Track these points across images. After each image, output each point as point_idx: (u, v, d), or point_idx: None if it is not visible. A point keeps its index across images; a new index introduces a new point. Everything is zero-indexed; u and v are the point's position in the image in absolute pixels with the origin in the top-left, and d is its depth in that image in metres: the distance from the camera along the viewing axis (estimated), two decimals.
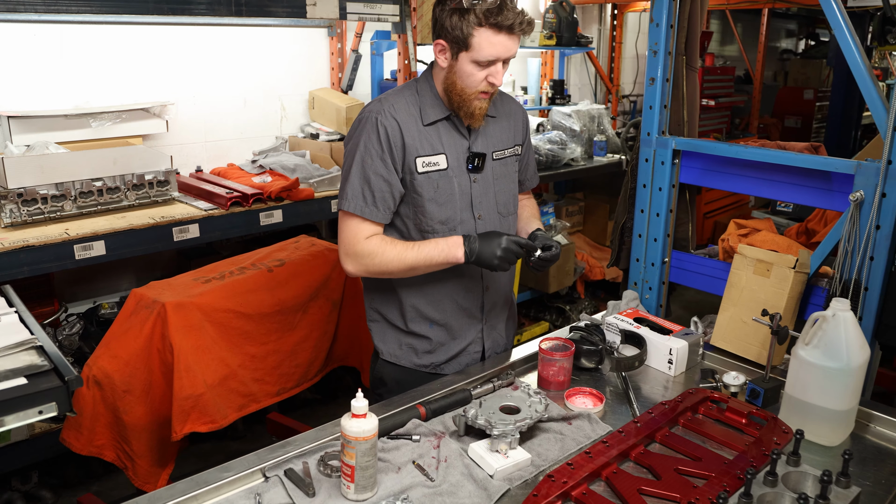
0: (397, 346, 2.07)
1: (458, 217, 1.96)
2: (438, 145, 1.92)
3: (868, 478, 1.61)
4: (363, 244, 1.90)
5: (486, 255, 1.85)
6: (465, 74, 1.83)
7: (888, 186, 1.92)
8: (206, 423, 2.41)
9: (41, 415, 1.54)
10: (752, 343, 2.11)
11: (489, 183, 2.01)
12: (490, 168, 2.01)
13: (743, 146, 2.28)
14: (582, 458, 1.58)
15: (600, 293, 5.21)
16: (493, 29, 1.77)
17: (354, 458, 1.44)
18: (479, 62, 1.81)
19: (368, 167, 1.88)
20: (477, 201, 1.99)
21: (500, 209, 2.05)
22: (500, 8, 1.75)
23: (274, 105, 4.09)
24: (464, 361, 2.10)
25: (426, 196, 1.92)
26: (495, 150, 2.02)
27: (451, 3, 1.79)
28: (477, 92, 1.85)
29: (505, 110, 2.08)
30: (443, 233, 1.94)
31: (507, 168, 2.07)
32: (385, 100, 1.92)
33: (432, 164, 1.91)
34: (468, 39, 1.78)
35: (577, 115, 4.78)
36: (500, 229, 2.03)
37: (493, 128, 2.03)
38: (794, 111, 8.09)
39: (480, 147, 1.99)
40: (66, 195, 2.86)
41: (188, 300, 2.48)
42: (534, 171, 2.25)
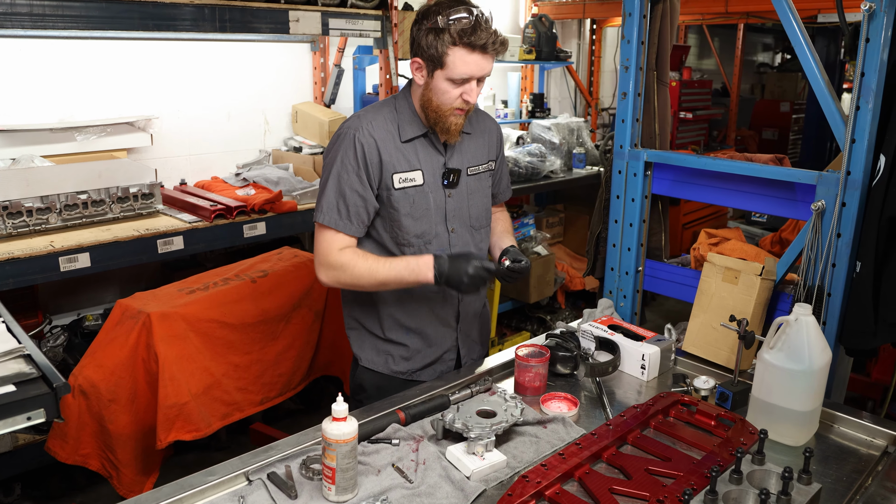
0: (375, 352, 2.13)
1: (433, 231, 2.03)
2: (415, 161, 1.98)
3: (830, 475, 1.68)
4: (336, 255, 1.95)
5: (455, 279, 1.89)
6: (440, 92, 1.89)
7: (847, 196, 2.01)
8: (190, 431, 2.45)
9: (30, 421, 1.56)
10: (722, 348, 2.18)
11: (463, 197, 2.08)
12: (465, 183, 2.07)
13: (711, 158, 2.36)
14: (555, 460, 1.64)
15: (580, 303, 5.29)
16: (467, 48, 1.82)
17: (335, 460, 1.49)
18: (453, 80, 1.86)
19: (344, 182, 1.93)
20: (451, 215, 2.05)
21: (473, 223, 2.11)
22: (473, 28, 1.81)
23: (257, 119, 4.14)
24: (439, 369, 2.17)
25: (402, 211, 1.98)
26: (470, 166, 2.09)
27: (428, 23, 1.85)
28: (452, 108, 1.91)
29: (480, 127, 2.15)
30: (418, 246, 2.01)
31: (481, 183, 2.13)
32: (364, 116, 1.98)
33: (408, 180, 1.97)
34: (443, 58, 1.84)
35: (557, 128, 4.87)
36: (472, 242, 2.11)
37: (468, 144, 2.09)
38: (771, 123, 8.24)
39: (456, 163, 2.05)
40: (52, 208, 2.89)
41: (173, 310, 2.52)
42: (507, 185, 2.31)
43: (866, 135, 1.95)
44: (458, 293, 1.98)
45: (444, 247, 2.05)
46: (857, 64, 1.93)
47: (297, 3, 3.31)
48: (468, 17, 1.82)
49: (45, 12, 2.64)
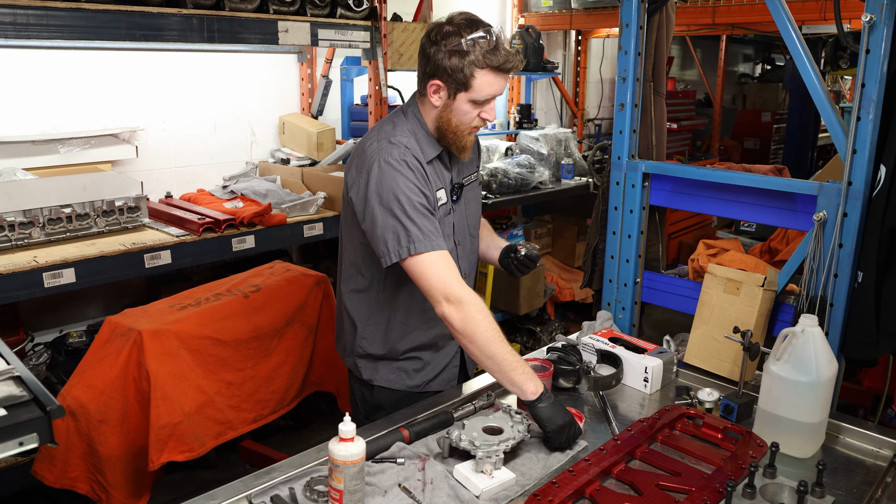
0: (389, 371, 2.08)
1: (448, 245, 1.94)
2: (438, 181, 1.97)
3: (840, 487, 1.66)
4: (468, 292, 1.79)
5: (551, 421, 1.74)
6: (461, 113, 1.87)
7: (849, 206, 2.01)
8: (183, 451, 2.39)
9: (21, 446, 1.50)
10: (724, 360, 2.17)
11: (463, 209, 2.08)
12: (464, 195, 2.08)
13: (710, 169, 2.36)
14: (566, 477, 1.60)
15: (570, 314, 5.28)
16: (494, 71, 1.81)
17: (343, 482, 1.44)
18: (476, 101, 1.85)
19: (416, 204, 1.81)
20: (457, 228, 2.05)
21: (472, 231, 2.13)
22: (496, 49, 1.79)
23: (244, 130, 4.08)
24: (446, 377, 2.15)
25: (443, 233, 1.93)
26: (466, 177, 2.09)
27: (449, 45, 1.80)
28: (470, 127, 1.91)
29: None
30: None
31: (475, 192, 2.15)
32: (394, 138, 1.87)
33: (440, 199, 1.97)
34: (469, 81, 1.81)
35: (545, 139, 4.87)
36: (471, 252, 2.12)
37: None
38: (753, 133, 8.33)
39: (459, 177, 2.06)
40: (35, 222, 2.82)
41: (164, 327, 2.46)
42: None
43: (867, 145, 1.95)
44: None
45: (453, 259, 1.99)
46: (857, 75, 1.93)
47: (286, 13, 3.28)
48: (487, 37, 1.80)
49: (28, 21, 2.58)
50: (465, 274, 2.02)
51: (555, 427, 1.73)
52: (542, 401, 1.74)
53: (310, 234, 3.40)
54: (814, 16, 4.07)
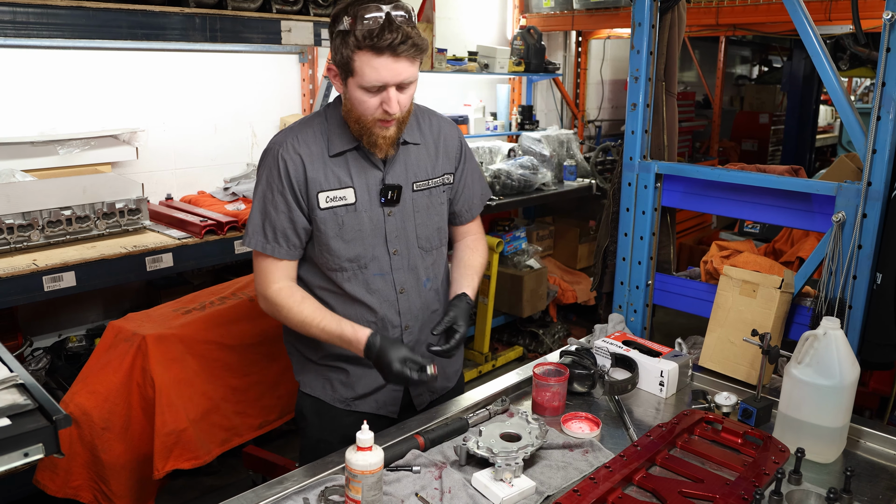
0: (314, 376, 1.96)
1: (370, 254, 1.83)
2: (346, 178, 1.79)
3: (865, 493, 1.63)
4: (273, 292, 1.82)
5: (383, 369, 1.74)
6: (357, 101, 1.69)
7: (868, 207, 1.97)
8: (189, 459, 2.34)
9: (27, 457, 1.46)
10: (741, 363, 2.13)
11: (408, 216, 1.87)
12: (409, 200, 1.86)
13: (725, 170, 2.32)
14: (587, 485, 1.56)
15: (572, 317, 5.24)
16: (372, 51, 1.61)
17: (360, 492, 1.40)
18: (366, 88, 1.65)
19: (268, 202, 1.79)
20: (392, 236, 1.85)
21: (422, 244, 1.90)
22: (381, 28, 1.59)
23: (245, 132, 4.04)
24: (382, 400, 1.95)
25: (330, 233, 1.79)
26: (417, 181, 1.87)
27: (338, 25, 1.65)
28: (374, 120, 1.70)
29: (433, 135, 1.92)
30: (352, 270, 1.83)
31: (433, 199, 1.91)
32: (292, 129, 1.81)
33: (338, 199, 1.79)
34: (350, 64, 1.64)
35: (547, 140, 4.84)
36: (421, 265, 1.91)
37: (415, 155, 1.88)
38: (751, 135, 8.32)
39: (397, 177, 1.84)
40: (34, 224, 2.77)
41: (169, 332, 2.41)
42: (474, 201, 2.04)
43: (888, 145, 1.92)
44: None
45: (384, 271, 1.85)
46: (878, 74, 1.90)
47: (289, 13, 3.24)
48: (378, 15, 1.60)
49: (28, 20, 2.54)
50: (402, 289, 1.88)
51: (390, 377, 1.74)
52: (371, 359, 1.75)
53: None
54: (818, 16, 4.04)
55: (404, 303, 1.90)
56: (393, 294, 1.88)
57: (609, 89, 6.39)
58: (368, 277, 1.85)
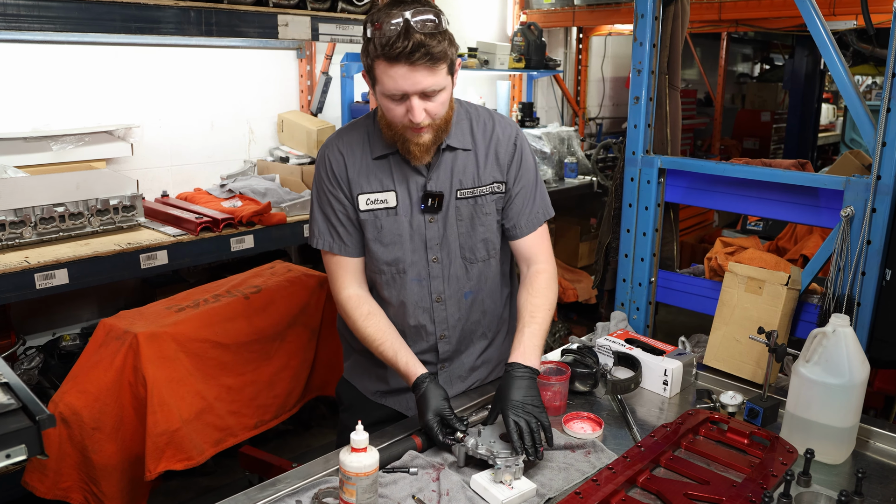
0: (353, 364, 2.00)
1: (408, 259, 1.80)
2: (388, 181, 1.76)
3: (876, 495, 1.58)
4: (343, 297, 1.82)
5: (419, 413, 1.69)
6: (385, 108, 1.65)
7: (878, 202, 1.93)
8: (181, 460, 2.29)
9: (9, 459, 1.40)
10: (746, 361, 2.08)
11: (451, 224, 1.80)
12: (452, 208, 1.79)
13: (730, 164, 2.28)
14: (590, 487, 1.52)
15: (573, 316, 5.19)
16: (387, 60, 1.55)
17: (355, 495, 1.35)
18: (388, 96, 1.61)
19: (324, 203, 1.79)
20: (433, 243, 1.80)
21: (466, 254, 1.84)
22: (396, 37, 1.53)
23: (242, 128, 3.99)
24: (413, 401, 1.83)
25: (369, 236, 1.78)
26: (462, 188, 1.79)
27: (366, 32, 1.61)
28: (404, 126, 1.65)
29: (486, 140, 1.82)
30: (390, 273, 1.81)
31: (478, 208, 1.81)
32: (340, 132, 1.83)
33: (378, 202, 1.76)
34: (373, 72, 1.61)
35: (548, 138, 4.79)
36: (465, 276, 1.85)
37: (462, 161, 1.79)
38: (752, 133, 8.26)
39: (441, 184, 1.77)
40: (26, 221, 2.72)
41: (162, 330, 2.36)
42: (530, 215, 1.87)
43: None
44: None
45: (421, 277, 1.82)
46: (887, 65, 1.85)
47: (286, 7, 3.18)
48: (397, 22, 1.53)
49: (19, 12, 2.48)
50: (439, 297, 1.84)
51: (420, 423, 1.69)
52: (416, 396, 1.71)
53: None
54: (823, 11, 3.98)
55: (440, 312, 1.86)
56: (428, 302, 1.85)
57: (610, 86, 6.34)
58: (406, 283, 1.83)
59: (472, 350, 1.97)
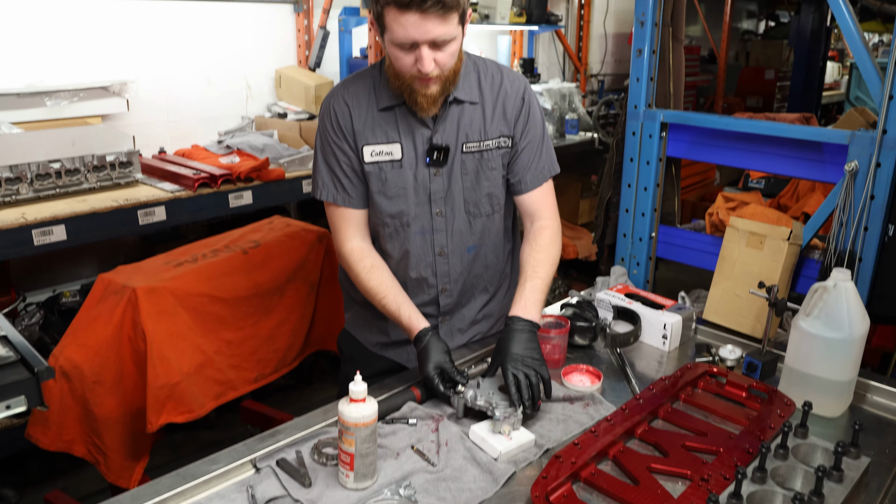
0: (355, 315, 2.00)
1: (412, 212, 1.79)
2: (394, 133, 1.73)
3: (872, 447, 1.59)
4: (346, 250, 1.80)
5: (419, 365, 1.70)
6: (393, 58, 1.61)
7: (883, 156, 1.90)
8: (182, 413, 2.30)
9: (9, 410, 1.42)
10: (746, 316, 2.08)
11: (456, 178, 1.78)
12: (458, 162, 1.77)
13: (733, 118, 2.24)
14: (588, 438, 1.53)
15: (573, 272, 5.19)
16: (398, 8, 1.51)
17: (354, 444, 1.36)
18: (398, 45, 1.56)
19: (328, 154, 1.77)
20: (437, 196, 1.78)
21: (470, 208, 1.82)
22: None
23: (239, 84, 3.94)
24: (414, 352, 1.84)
25: (373, 188, 1.76)
26: (468, 142, 1.76)
27: None
28: (412, 77, 1.61)
29: (493, 94, 1.78)
30: (394, 226, 1.80)
31: (484, 162, 1.79)
32: (345, 82, 1.78)
33: (383, 154, 1.73)
34: (382, 19, 1.56)
35: (549, 94, 4.73)
36: (466, 231, 1.84)
37: (469, 114, 1.76)
38: (756, 91, 8.16)
39: (447, 137, 1.74)
40: (22, 178, 2.70)
41: (160, 285, 2.36)
42: (534, 171, 1.85)
43: None
44: None
45: (425, 230, 1.81)
46: None
47: None
48: None
49: None
50: (441, 251, 1.84)
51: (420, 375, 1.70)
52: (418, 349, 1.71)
53: (309, 190, 3.29)
54: None
55: (442, 265, 1.85)
56: (431, 255, 1.84)
57: (612, 42, 6.24)
58: (409, 235, 1.82)
59: (473, 304, 1.97)
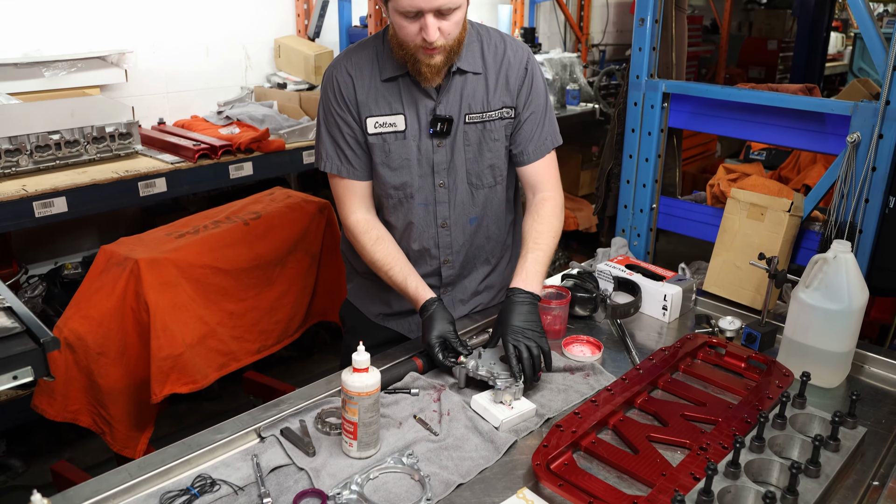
0: (357, 286, 2.01)
1: (416, 183, 1.78)
2: (397, 104, 1.72)
3: (868, 417, 1.61)
4: (351, 221, 1.80)
5: (423, 334, 1.71)
6: (397, 27, 1.59)
7: (885, 127, 1.90)
8: (186, 383, 2.32)
9: (16, 380, 1.43)
10: (746, 288, 2.09)
11: (458, 149, 1.77)
12: (460, 133, 1.76)
13: (736, 89, 2.23)
14: (588, 407, 1.54)
15: (573, 244, 5.20)
16: None
17: (357, 414, 1.37)
18: (402, 13, 1.54)
19: (331, 125, 1.76)
20: (440, 168, 1.78)
21: (472, 180, 1.81)
22: None
23: (238, 54, 3.90)
24: (416, 322, 1.94)
25: (377, 160, 1.76)
26: (471, 113, 1.75)
27: None
28: (417, 46, 1.59)
29: (496, 64, 1.76)
30: (397, 197, 1.80)
31: (486, 133, 1.78)
32: (347, 52, 1.76)
33: (387, 126, 1.72)
34: None
35: (550, 64, 4.69)
36: (469, 203, 1.84)
37: (472, 85, 1.74)
38: (759, 62, 8.08)
39: (450, 108, 1.73)
40: (21, 149, 2.69)
41: (162, 256, 2.36)
42: (539, 143, 1.83)
43: None
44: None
45: (428, 202, 1.81)
46: None
47: None
48: None
49: None
50: (444, 223, 1.83)
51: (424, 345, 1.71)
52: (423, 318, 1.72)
53: (309, 161, 3.29)
54: None
55: (445, 237, 1.86)
56: (433, 227, 1.84)
57: (614, 12, 6.17)
58: (413, 207, 1.81)
59: (475, 275, 1.98)
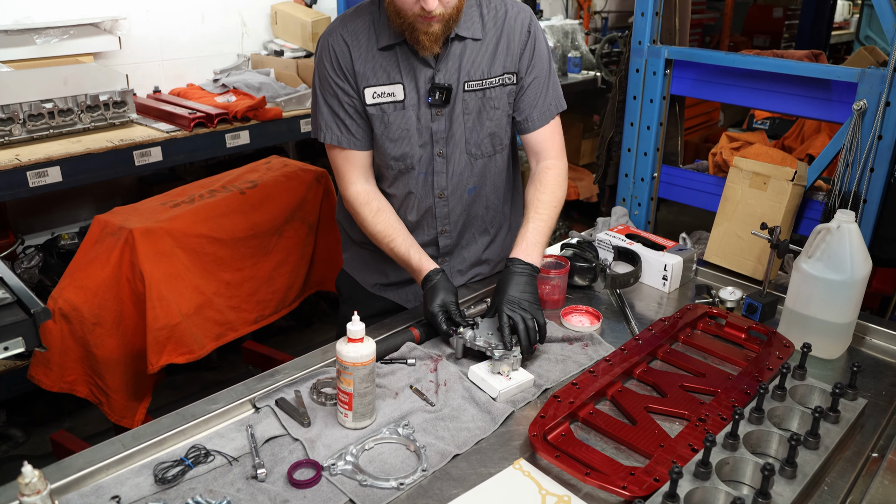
0: (353, 256, 1.99)
1: (416, 154, 1.74)
2: (395, 73, 1.67)
3: (869, 389, 1.59)
4: (351, 193, 1.76)
5: (424, 304, 1.69)
6: None
7: (892, 95, 1.85)
8: (183, 353, 2.32)
9: (7, 351, 1.42)
10: (747, 258, 2.07)
11: (457, 118, 1.73)
12: (459, 101, 1.71)
13: (740, 55, 2.18)
14: (586, 378, 1.53)
15: (573, 213, 5.17)
16: None
17: (352, 384, 1.36)
18: None
19: (328, 94, 1.71)
20: (439, 137, 1.74)
21: (471, 149, 1.77)
22: None
23: (234, 20, 3.83)
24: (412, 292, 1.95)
25: (377, 131, 1.72)
26: (470, 80, 1.70)
27: None
28: (415, 15, 1.54)
29: (497, 27, 1.71)
30: (398, 168, 1.76)
31: (486, 101, 1.74)
32: (343, 18, 1.71)
33: (386, 95, 1.68)
34: None
35: (551, 31, 4.62)
36: (467, 173, 1.79)
37: (472, 52, 1.70)
38: (763, 30, 7.97)
39: (449, 76, 1.68)
40: (14, 118, 2.66)
41: (157, 226, 2.34)
42: (543, 109, 1.79)
43: None
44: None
45: (427, 171, 1.77)
46: None
47: None
48: None
49: None
50: (441, 193, 1.80)
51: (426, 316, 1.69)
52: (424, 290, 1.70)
53: (307, 130, 3.25)
54: None
55: (442, 207, 1.83)
56: (431, 197, 1.81)
57: None
58: (412, 177, 1.78)
59: (473, 245, 1.95)
